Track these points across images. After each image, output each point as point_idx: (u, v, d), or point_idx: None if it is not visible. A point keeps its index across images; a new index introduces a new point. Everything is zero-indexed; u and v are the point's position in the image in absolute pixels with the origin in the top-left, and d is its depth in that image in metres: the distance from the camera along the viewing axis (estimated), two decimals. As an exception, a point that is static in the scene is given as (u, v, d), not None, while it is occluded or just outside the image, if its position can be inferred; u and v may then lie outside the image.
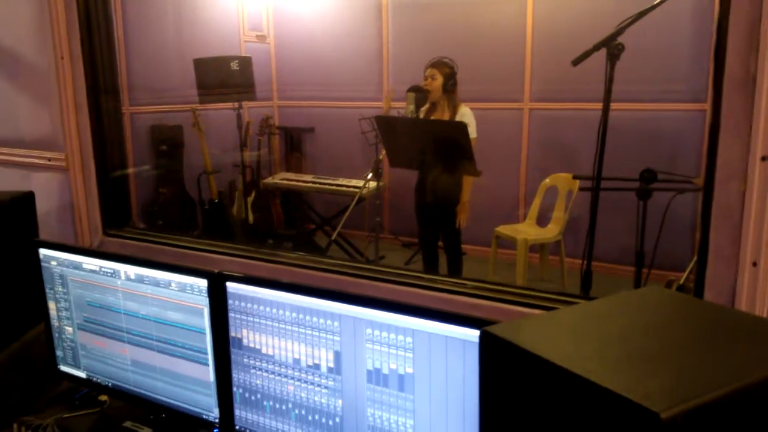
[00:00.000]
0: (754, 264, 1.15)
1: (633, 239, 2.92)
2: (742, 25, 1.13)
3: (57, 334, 1.65)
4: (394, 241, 5.30)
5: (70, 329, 1.62)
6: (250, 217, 5.26)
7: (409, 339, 1.16)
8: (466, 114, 3.71)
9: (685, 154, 4.25)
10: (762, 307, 1.15)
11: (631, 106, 4.33)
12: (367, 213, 4.89)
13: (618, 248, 4.05)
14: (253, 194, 5.30)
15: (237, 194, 5.29)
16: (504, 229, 4.34)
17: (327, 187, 4.92)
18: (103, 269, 1.52)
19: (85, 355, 1.61)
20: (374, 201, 4.19)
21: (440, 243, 4.01)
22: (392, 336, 1.17)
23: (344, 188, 4.76)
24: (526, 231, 4.32)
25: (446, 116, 3.70)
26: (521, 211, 4.87)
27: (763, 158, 1.12)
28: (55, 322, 1.64)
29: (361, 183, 4.58)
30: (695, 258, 2.55)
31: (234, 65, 4.83)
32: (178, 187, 5.06)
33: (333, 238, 3.55)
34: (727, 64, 1.16)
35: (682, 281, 2.21)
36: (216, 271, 1.36)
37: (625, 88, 4.06)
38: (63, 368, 1.67)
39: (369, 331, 1.20)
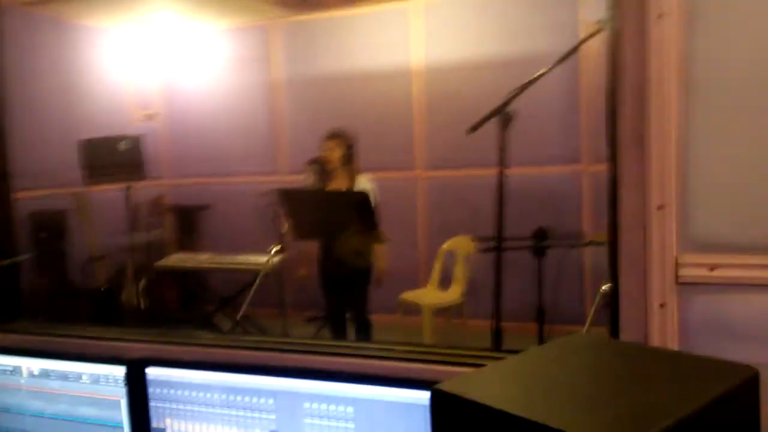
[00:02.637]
0: (662, 306, 1.24)
1: (531, 296, 3.06)
2: (631, 88, 1.26)
3: (-56, 447, 1.46)
4: (296, 317, 5.20)
5: (-41, 439, 1.44)
6: (142, 303, 4.98)
7: (350, 409, 1.13)
8: (365, 182, 3.79)
9: (569, 213, 4.57)
10: (672, 344, 1.24)
11: (518, 170, 4.62)
12: (270, 290, 4.79)
13: (518, 306, 4.22)
14: (144, 279, 5.04)
15: (127, 281, 5.02)
16: (408, 296, 4.40)
17: (226, 265, 4.79)
18: (0, 367, 1.38)
19: (-21, 467, 1.44)
20: (279, 276, 4.13)
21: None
22: (332, 407, 1.15)
23: (245, 265, 4.64)
24: (429, 296, 4.40)
25: (344, 186, 3.77)
26: (422, 277, 4.96)
27: (659, 207, 1.24)
28: (-60, 433, 1.46)
29: (259, 259, 4.49)
30: (593, 309, 2.70)
31: (122, 145, 4.68)
32: (59, 277, 4.73)
33: (240, 316, 3.43)
34: (620, 126, 1.29)
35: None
36: (135, 357, 1.28)
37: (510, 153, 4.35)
38: (-50, 485, 1.47)
39: (307, 405, 1.16)
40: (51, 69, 4.95)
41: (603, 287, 2.51)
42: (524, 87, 2.46)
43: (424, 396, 1.08)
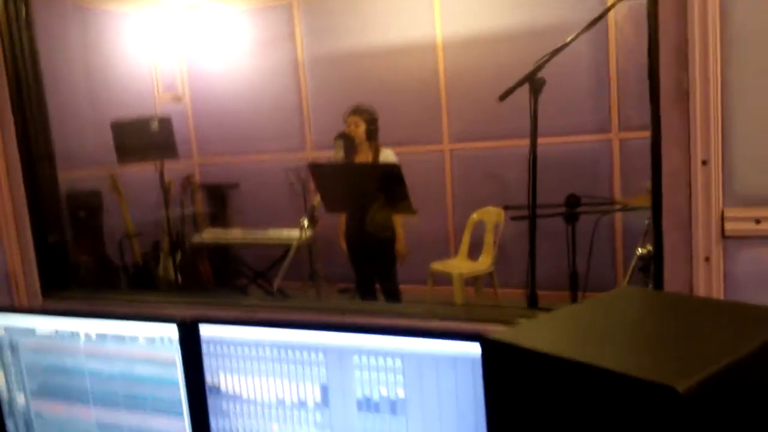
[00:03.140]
0: (707, 259, 1.25)
1: (562, 264, 3.06)
2: (671, 46, 1.26)
3: (7, 406, 1.53)
4: (329, 288, 5.27)
5: (22, 398, 1.51)
6: (179, 278, 5.09)
7: (398, 362, 1.17)
8: (389, 155, 3.83)
9: (599, 180, 4.53)
10: (718, 298, 1.25)
11: (546, 140, 4.59)
12: (303, 262, 4.86)
13: (549, 274, 4.24)
14: (179, 254, 5.15)
15: (162, 255, 5.13)
16: (438, 266, 4.43)
17: (258, 239, 4.86)
18: (59, 332, 1.44)
19: (42, 424, 1.51)
20: (312, 248, 4.19)
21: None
22: (381, 361, 1.18)
23: (275, 240, 4.71)
24: (459, 265, 4.42)
25: (369, 159, 3.81)
26: (452, 247, 4.99)
27: (703, 162, 1.24)
28: (4, 394, 1.53)
29: (291, 233, 4.55)
30: (629, 271, 2.69)
31: (154, 125, 4.74)
32: (98, 254, 4.85)
33: (275, 288, 3.50)
34: (662, 81, 1.28)
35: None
36: (189, 316, 1.33)
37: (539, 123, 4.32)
38: (16, 442, 1.55)
39: (356, 358, 1.20)
40: (78, 55, 5.02)
41: (639, 250, 2.51)
42: (554, 53, 2.43)
43: (471, 349, 1.11)
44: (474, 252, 4.62)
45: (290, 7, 5.57)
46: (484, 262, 4.43)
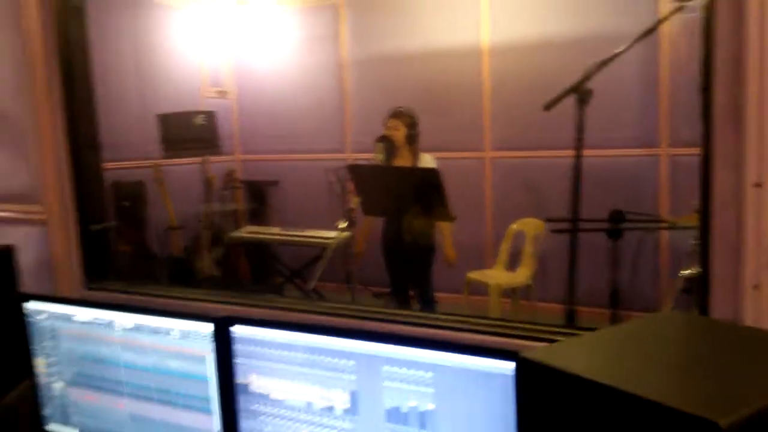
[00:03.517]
0: (756, 287, 1.20)
1: (602, 281, 2.99)
2: (727, 60, 1.21)
3: (45, 392, 1.57)
4: (364, 292, 5.27)
5: (59, 385, 1.55)
6: (216, 272, 5.17)
7: (429, 374, 1.15)
8: (429, 161, 3.80)
9: (645, 196, 4.42)
10: (766, 327, 1.20)
11: (590, 152, 4.50)
12: (335, 264, 4.86)
13: (588, 290, 4.15)
14: (218, 249, 5.22)
15: (201, 250, 5.21)
16: (475, 275, 4.38)
17: (297, 238, 4.90)
18: (97, 320, 1.47)
19: (77, 412, 1.54)
20: (348, 250, 4.20)
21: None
22: (411, 372, 1.16)
23: (314, 239, 4.74)
24: (497, 276, 4.37)
25: (408, 164, 3.79)
26: (489, 257, 4.93)
27: (757, 185, 1.19)
28: (43, 379, 1.57)
29: (328, 233, 4.57)
30: (674, 294, 2.61)
31: (199, 120, 4.82)
32: (140, 244, 4.96)
33: (311, 288, 3.51)
34: (715, 97, 1.23)
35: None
36: (223, 315, 1.34)
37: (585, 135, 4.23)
38: (51, 427, 1.58)
39: (387, 368, 1.18)
40: (128, 46, 5.13)
41: (682, 272, 2.44)
42: (603, 63, 2.38)
43: (504, 366, 1.08)
44: (512, 263, 4.56)
45: (336, 7, 5.60)
46: (523, 274, 4.36)
